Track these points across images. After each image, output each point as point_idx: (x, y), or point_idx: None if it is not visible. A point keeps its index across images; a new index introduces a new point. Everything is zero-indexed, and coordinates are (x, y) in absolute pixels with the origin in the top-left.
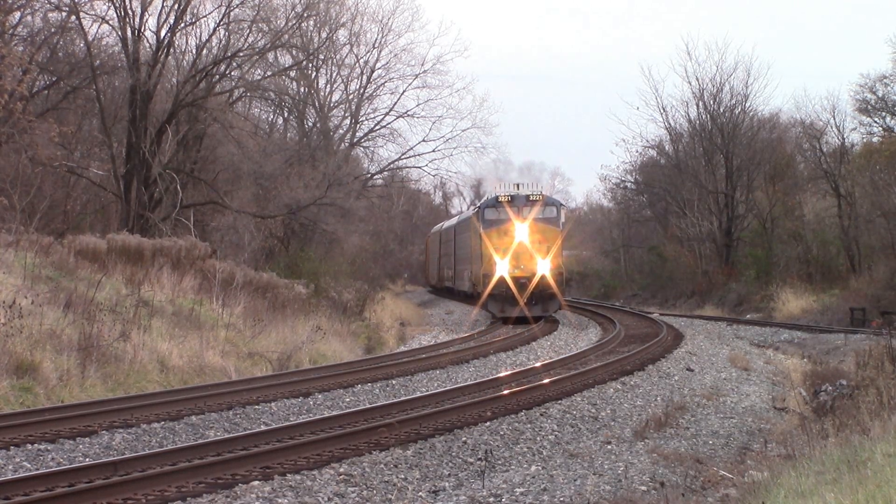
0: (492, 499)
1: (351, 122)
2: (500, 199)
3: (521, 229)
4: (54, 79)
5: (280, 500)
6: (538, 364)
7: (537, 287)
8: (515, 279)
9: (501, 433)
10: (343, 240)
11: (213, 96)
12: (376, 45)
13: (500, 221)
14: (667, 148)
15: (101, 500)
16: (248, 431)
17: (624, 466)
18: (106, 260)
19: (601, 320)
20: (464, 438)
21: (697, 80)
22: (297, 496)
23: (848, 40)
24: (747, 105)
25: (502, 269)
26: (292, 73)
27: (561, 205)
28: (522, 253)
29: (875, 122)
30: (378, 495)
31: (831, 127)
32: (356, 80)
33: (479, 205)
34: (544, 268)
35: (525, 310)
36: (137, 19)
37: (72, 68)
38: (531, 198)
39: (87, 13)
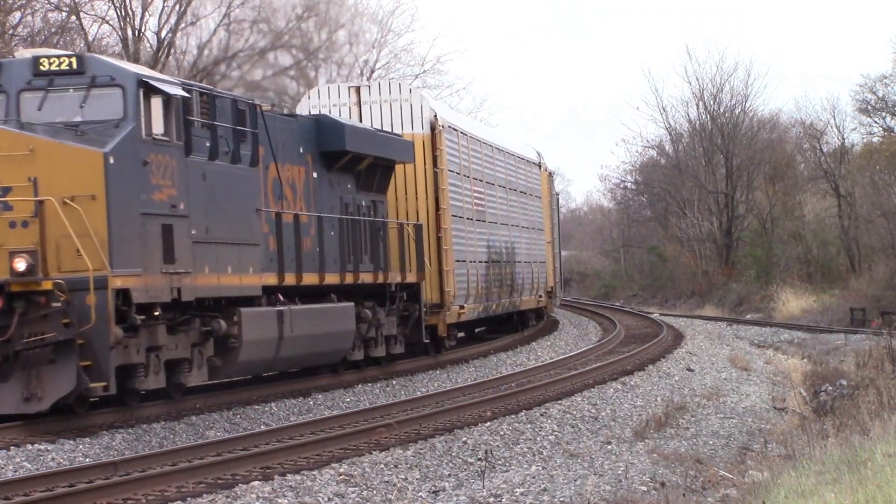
0: (492, 499)
1: None
2: None
3: None
4: None
5: (280, 500)
6: (538, 364)
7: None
8: None
9: (501, 433)
10: None
11: None
12: (376, 44)
13: None
14: (667, 148)
15: (101, 500)
16: (248, 431)
17: (624, 466)
18: None
19: (601, 320)
20: (464, 438)
21: (697, 80)
22: (297, 496)
23: (848, 40)
24: (747, 105)
25: None
26: (292, 73)
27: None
28: None
29: (875, 122)
30: (378, 495)
31: (831, 127)
32: (356, 80)
33: None
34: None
35: None
36: (138, 19)
37: None
38: (43, 66)
39: (87, 13)
